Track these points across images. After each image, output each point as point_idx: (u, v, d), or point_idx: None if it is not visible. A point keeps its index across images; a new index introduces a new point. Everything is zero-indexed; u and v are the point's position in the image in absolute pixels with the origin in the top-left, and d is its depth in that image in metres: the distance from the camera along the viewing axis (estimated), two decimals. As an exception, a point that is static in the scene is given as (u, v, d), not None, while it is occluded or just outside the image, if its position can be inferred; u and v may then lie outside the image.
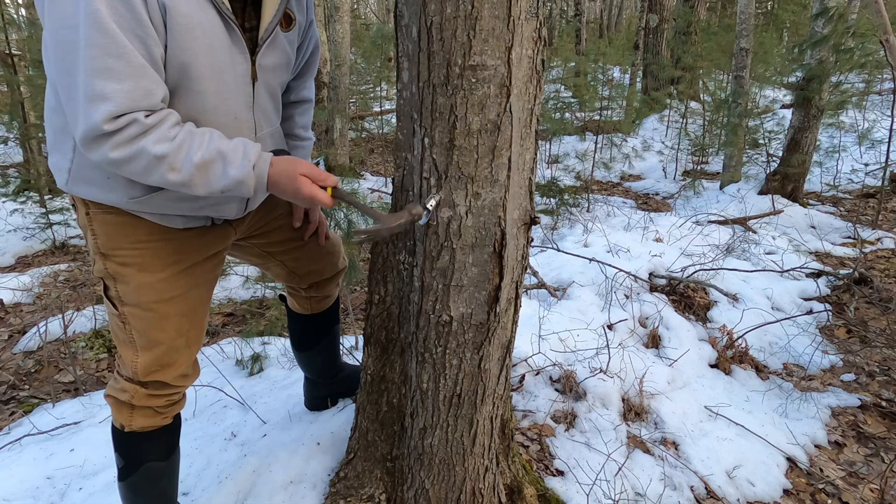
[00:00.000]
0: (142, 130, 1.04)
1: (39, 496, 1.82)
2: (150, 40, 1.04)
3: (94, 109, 1.01)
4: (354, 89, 10.04)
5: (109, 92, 1.00)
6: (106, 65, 1.00)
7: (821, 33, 5.07)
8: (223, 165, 1.11)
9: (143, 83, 1.04)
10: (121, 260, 1.27)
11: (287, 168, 1.17)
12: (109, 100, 1.01)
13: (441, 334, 1.29)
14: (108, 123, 1.02)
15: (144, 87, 1.04)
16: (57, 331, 3.08)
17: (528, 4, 1.10)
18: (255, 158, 1.14)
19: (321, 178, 1.18)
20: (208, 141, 1.11)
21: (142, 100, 1.04)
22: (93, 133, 1.02)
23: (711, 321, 3.02)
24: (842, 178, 6.59)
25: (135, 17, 1.01)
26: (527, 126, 1.23)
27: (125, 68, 1.01)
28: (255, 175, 1.13)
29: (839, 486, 2.02)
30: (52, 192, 5.24)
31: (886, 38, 4.64)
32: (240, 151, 1.13)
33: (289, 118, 1.55)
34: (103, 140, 1.03)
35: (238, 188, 1.13)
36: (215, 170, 1.11)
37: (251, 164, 1.13)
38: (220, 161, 1.11)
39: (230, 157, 1.11)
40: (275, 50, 1.27)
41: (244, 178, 1.12)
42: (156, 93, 1.06)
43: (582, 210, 5.70)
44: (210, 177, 1.11)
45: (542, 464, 1.91)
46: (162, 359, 1.34)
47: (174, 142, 1.07)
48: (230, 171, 1.11)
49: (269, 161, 1.16)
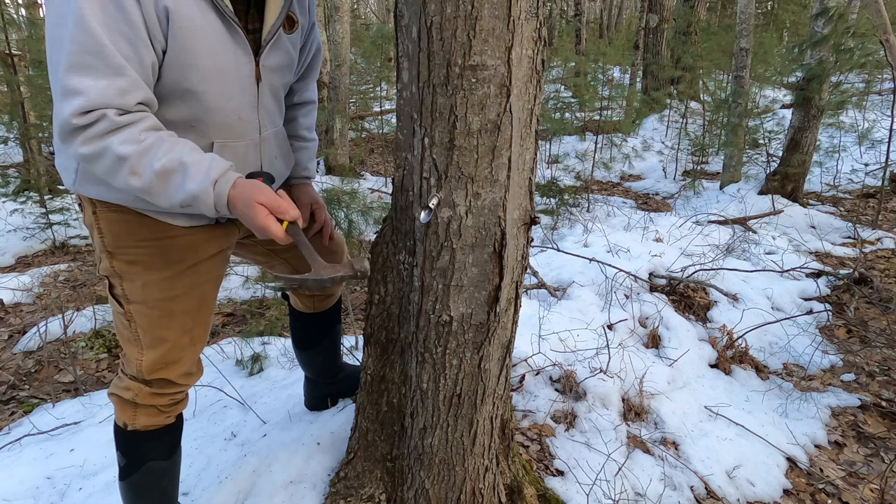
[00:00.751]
0: (111, 128, 1.04)
1: (39, 496, 1.82)
2: (139, 42, 1.05)
3: (67, 103, 1.02)
4: (354, 89, 10.04)
5: (83, 87, 1.01)
6: (83, 61, 1.01)
7: (821, 33, 5.07)
8: (182, 177, 1.08)
9: (119, 82, 1.04)
10: (127, 258, 1.28)
11: (246, 193, 1.12)
12: (81, 94, 1.01)
13: (441, 334, 1.29)
14: (78, 117, 1.02)
15: (120, 86, 1.04)
16: (57, 331, 3.08)
17: (528, 4, 1.10)
18: (217, 175, 1.10)
19: (280, 210, 1.14)
20: (175, 151, 1.08)
21: (115, 98, 1.04)
22: (65, 127, 1.04)
23: (711, 321, 3.02)
24: (842, 178, 6.60)
25: (125, 18, 1.02)
26: (527, 126, 1.23)
27: (102, 66, 1.02)
28: (215, 193, 1.10)
29: (839, 486, 2.02)
30: (52, 192, 5.24)
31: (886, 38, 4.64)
32: (203, 166, 1.10)
33: (292, 120, 1.56)
34: (75, 135, 1.04)
35: (195, 203, 1.10)
36: (174, 180, 1.08)
37: (211, 182, 1.09)
38: (180, 172, 1.08)
39: (191, 171, 1.08)
40: (278, 51, 1.29)
41: (200, 194, 1.08)
42: (132, 93, 1.06)
43: (582, 210, 5.70)
44: (168, 187, 1.08)
45: (542, 464, 1.91)
46: (167, 356, 1.34)
47: (141, 145, 1.06)
48: (188, 185, 1.08)
49: (233, 182, 1.12)
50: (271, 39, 1.25)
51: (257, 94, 1.27)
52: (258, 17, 1.24)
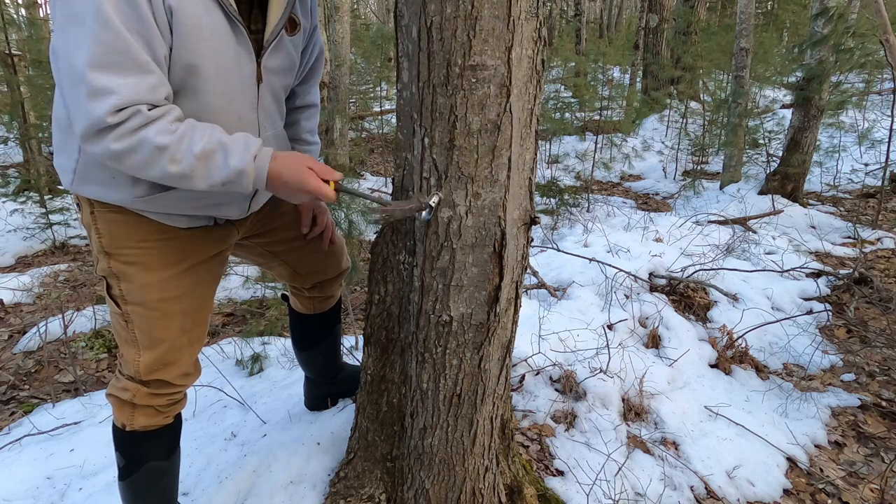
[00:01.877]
0: (145, 121, 1.06)
1: (39, 496, 1.82)
2: (154, 40, 1.06)
3: (99, 103, 1.02)
4: (354, 89, 10.03)
5: (115, 86, 1.02)
6: (112, 60, 1.02)
7: (821, 33, 5.07)
8: (224, 155, 1.12)
9: (147, 79, 1.06)
10: (125, 259, 1.28)
11: (292, 161, 1.18)
12: (115, 93, 1.02)
13: (441, 334, 1.29)
14: (112, 116, 1.03)
15: (149, 83, 1.06)
16: (57, 331, 3.08)
17: (528, 4, 1.10)
18: (255, 150, 1.15)
19: (325, 172, 1.20)
20: (210, 133, 1.12)
21: (146, 94, 1.06)
22: (96, 126, 1.04)
23: (711, 321, 3.02)
24: (842, 178, 6.60)
25: (139, 16, 1.03)
26: (527, 126, 1.23)
27: (130, 64, 1.04)
28: (256, 167, 1.14)
29: (839, 486, 2.02)
30: (52, 192, 5.23)
31: (886, 38, 4.64)
32: (241, 142, 1.14)
33: (295, 123, 1.56)
34: (106, 133, 1.05)
35: (239, 179, 1.14)
36: (216, 160, 1.12)
37: (252, 156, 1.14)
38: (220, 151, 1.12)
39: (231, 148, 1.12)
40: (280, 52, 1.28)
41: (245, 168, 1.13)
42: (159, 89, 1.08)
43: (582, 210, 5.70)
44: (211, 167, 1.12)
45: (542, 464, 1.91)
46: (164, 357, 1.34)
47: (175, 134, 1.09)
48: (231, 161, 1.12)
49: (271, 155, 1.17)
50: (273, 40, 1.25)
51: (257, 96, 1.27)
52: (261, 18, 1.24)
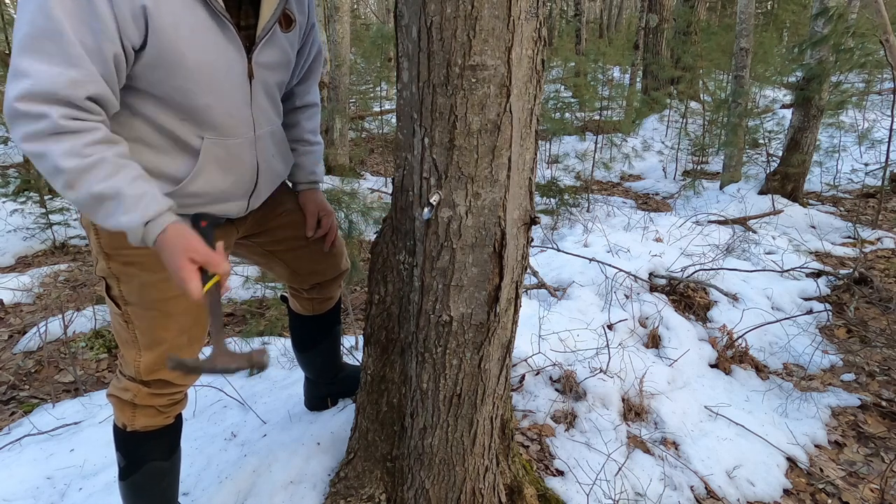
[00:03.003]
0: (53, 130, 1.01)
1: (39, 496, 1.82)
2: (100, 35, 1.02)
3: (14, 84, 0.99)
4: (354, 89, 10.03)
5: (33, 71, 0.99)
6: (39, 46, 0.99)
7: (821, 33, 5.07)
8: (116, 207, 1.08)
9: (69, 72, 1.01)
10: (124, 259, 1.27)
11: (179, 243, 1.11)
12: (29, 78, 0.99)
13: (441, 334, 1.29)
14: (21, 102, 0.99)
15: (70, 77, 1.01)
16: (57, 331, 3.08)
17: (528, 4, 1.10)
18: (152, 216, 1.09)
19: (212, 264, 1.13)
20: (116, 177, 1.07)
21: (64, 87, 1.00)
22: (9, 110, 1.01)
23: (711, 321, 3.02)
24: (842, 178, 6.59)
25: (91, 10, 1.00)
26: (527, 126, 1.23)
27: (57, 53, 0.99)
28: (144, 232, 1.10)
29: (839, 486, 2.02)
30: (51, 192, 5.22)
31: (886, 38, 4.65)
32: (141, 203, 1.08)
33: (296, 124, 1.54)
34: (16, 122, 1.01)
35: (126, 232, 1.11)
36: (107, 207, 1.08)
37: (142, 221, 1.09)
38: (115, 201, 1.07)
39: (126, 204, 1.07)
40: (273, 48, 1.27)
41: (131, 229, 1.09)
42: (84, 86, 1.02)
43: (582, 210, 5.70)
44: (101, 211, 1.08)
45: (542, 464, 1.91)
46: (165, 357, 1.34)
47: (84, 161, 1.03)
48: (120, 217, 1.08)
49: (165, 227, 1.11)
50: (265, 36, 1.23)
51: (250, 92, 1.25)
52: (253, 13, 1.22)
